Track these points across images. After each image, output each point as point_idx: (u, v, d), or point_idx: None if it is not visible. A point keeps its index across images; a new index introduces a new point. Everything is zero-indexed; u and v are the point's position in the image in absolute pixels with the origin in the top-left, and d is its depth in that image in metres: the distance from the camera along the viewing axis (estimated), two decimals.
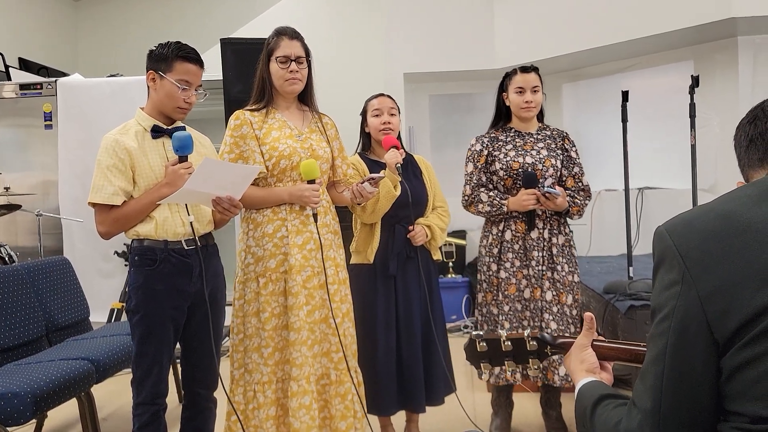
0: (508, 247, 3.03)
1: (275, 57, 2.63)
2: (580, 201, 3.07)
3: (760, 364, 0.99)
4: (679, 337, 1.06)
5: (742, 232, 1.04)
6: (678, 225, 1.11)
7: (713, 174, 5.53)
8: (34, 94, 5.54)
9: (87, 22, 8.07)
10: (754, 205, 1.06)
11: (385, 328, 2.95)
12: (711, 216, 1.08)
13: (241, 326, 2.63)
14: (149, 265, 2.41)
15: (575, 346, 1.42)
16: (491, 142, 3.11)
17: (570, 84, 6.77)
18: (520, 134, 3.12)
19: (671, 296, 1.08)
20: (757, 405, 0.99)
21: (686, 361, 1.06)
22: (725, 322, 1.02)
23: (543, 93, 3.11)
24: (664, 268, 1.11)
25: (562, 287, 3.00)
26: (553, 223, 3.04)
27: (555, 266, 3.01)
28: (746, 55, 5.43)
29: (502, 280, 3.02)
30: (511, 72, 3.11)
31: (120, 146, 2.40)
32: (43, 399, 2.66)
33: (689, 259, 1.06)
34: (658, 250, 1.13)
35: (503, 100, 3.15)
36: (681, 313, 1.06)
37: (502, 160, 3.04)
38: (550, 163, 3.04)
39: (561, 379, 2.95)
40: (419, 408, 3.00)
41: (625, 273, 3.51)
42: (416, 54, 6.42)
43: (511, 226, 3.03)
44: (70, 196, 5.37)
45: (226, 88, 4.32)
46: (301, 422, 2.50)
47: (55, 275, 3.76)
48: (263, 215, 2.62)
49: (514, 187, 3.04)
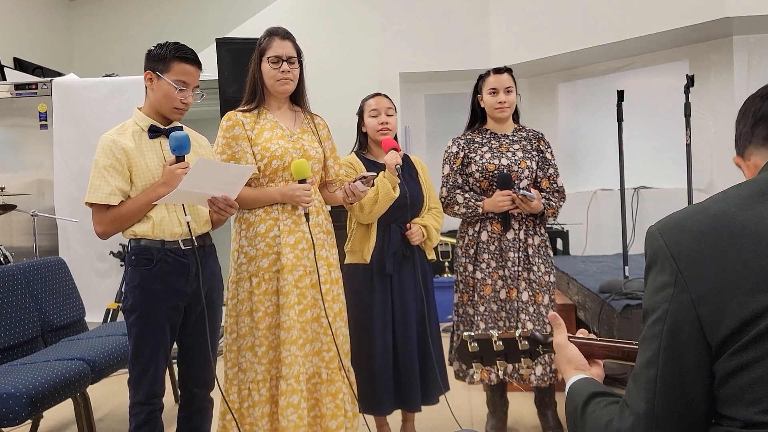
0: (484, 248, 3.04)
1: (267, 57, 2.64)
2: (555, 203, 3.09)
3: (753, 370, 0.98)
4: (671, 340, 1.05)
5: (735, 234, 1.03)
6: (670, 225, 1.10)
7: (709, 173, 5.55)
8: (29, 94, 5.52)
9: (82, 21, 8.06)
10: (748, 207, 1.05)
11: (382, 328, 2.95)
12: (704, 216, 1.07)
13: (234, 325, 2.65)
14: (146, 265, 2.41)
15: (556, 346, 1.41)
16: (467, 144, 3.13)
17: (565, 84, 6.78)
18: (496, 136, 3.13)
19: (664, 299, 1.07)
20: (749, 410, 0.99)
21: (679, 364, 1.05)
22: (718, 325, 1.01)
23: (518, 94, 3.12)
24: (656, 269, 1.10)
25: (538, 287, 3.01)
26: (528, 224, 3.06)
27: (531, 267, 3.02)
28: (741, 55, 5.46)
29: (478, 281, 3.03)
30: (484, 74, 3.13)
31: (117, 146, 2.39)
32: (38, 399, 2.65)
33: (681, 260, 1.05)
34: (650, 250, 1.12)
35: (478, 101, 3.17)
36: (673, 315, 1.05)
37: (477, 162, 3.06)
38: (525, 164, 3.05)
39: (537, 378, 2.96)
40: (415, 407, 3.00)
41: (621, 272, 3.52)
42: (412, 54, 6.43)
43: (487, 227, 3.04)
44: (66, 196, 5.36)
45: (221, 88, 4.31)
46: (289, 421, 2.52)
47: (50, 275, 3.75)
48: (255, 215, 2.64)
49: (490, 189, 3.05)
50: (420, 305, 3.03)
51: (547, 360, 2.98)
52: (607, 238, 5.67)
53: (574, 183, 6.41)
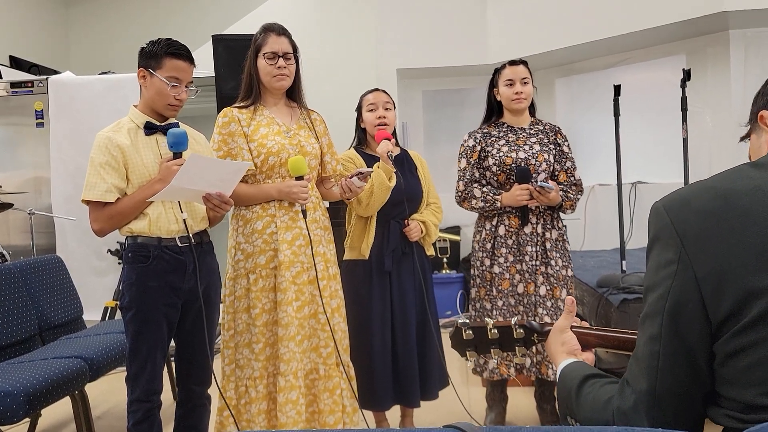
0: (501, 242, 3.03)
1: (263, 53, 2.64)
2: (573, 195, 3.07)
3: (753, 352, 0.98)
4: (674, 318, 1.04)
5: (741, 214, 1.02)
6: (676, 202, 1.09)
7: (706, 168, 5.55)
8: (25, 92, 5.51)
9: (78, 19, 8.04)
10: (756, 188, 1.04)
11: (381, 324, 2.95)
12: (711, 195, 1.06)
13: (231, 322, 2.65)
14: (142, 262, 2.40)
15: (555, 328, 1.40)
16: (484, 137, 3.12)
17: (563, 79, 6.78)
18: (513, 129, 3.12)
19: (667, 276, 1.06)
20: (749, 392, 0.99)
21: (682, 341, 1.04)
22: (719, 304, 1.00)
23: (534, 86, 3.12)
24: (659, 245, 1.09)
25: (556, 282, 3.01)
26: (546, 217, 3.05)
27: (548, 261, 3.01)
28: (738, 49, 5.45)
29: (496, 275, 3.02)
30: (500, 67, 3.12)
31: (113, 143, 2.39)
32: (36, 398, 2.65)
33: (687, 238, 1.04)
34: (655, 227, 1.10)
35: (494, 95, 3.16)
36: (677, 293, 1.04)
37: (495, 155, 3.05)
38: (542, 158, 3.05)
39: (555, 373, 2.95)
40: (414, 403, 3.00)
41: (618, 267, 3.53)
42: (409, 50, 6.42)
43: (505, 222, 3.04)
44: (63, 194, 5.35)
45: (218, 84, 4.31)
46: (288, 417, 2.52)
47: (47, 274, 3.75)
48: (252, 212, 2.63)
49: (507, 183, 3.04)
50: (419, 301, 3.03)
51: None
52: (604, 233, 5.68)
53: None
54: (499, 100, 3.14)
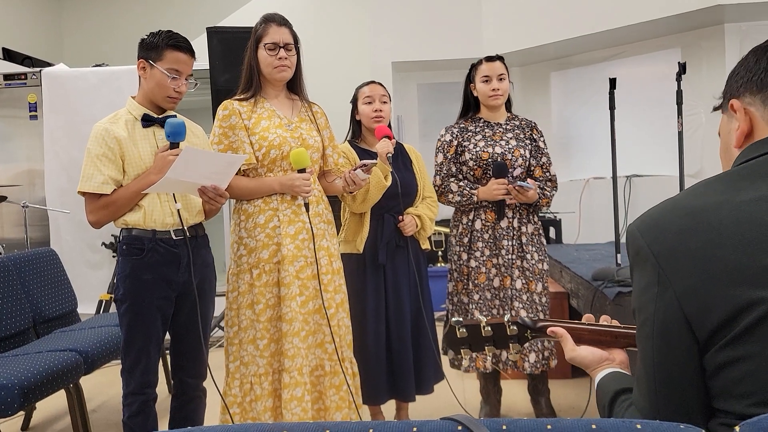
0: (478, 237, 3.05)
1: (263, 44, 2.59)
2: (549, 192, 3.11)
3: (741, 365, 0.99)
4: (662, 339, 1.06)
5: (714, 229, 1.02)
6: (649, 224, 1.10)
7: (700, 161, 5.56)
8: (18, 84, 5.48)
9: (72, 11, 7.99)
10: (723, 202, 1.05)
11: (375, 318, 2.95)
12: (682, 213, 1.07)
13: (235, 318, 2.59)
14: (137, 255, 2.40)
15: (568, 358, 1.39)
16: (461, 132, 3.13)
17: (558, 72, 6.78)
18: (489, 125, 3.13)
19: (650, 299, 1.07)
20: (741, 403, 0.99)
21: (673, 362, 1.05)
22: (703, 321, 1.01)
23: (510, 82, 3.13)
24: (639, 268, 1.11)
25: (531, 275, 3.03)
26: (522, 212, 3.07)
27: (525, 255, 3.03)
28: (733, 42, 5.46)
29: (472, 269, 3.04)
30: (476, 62, 3.13)
31: (110, 135, 2.38)
32: (30, 391, 2.65)
33: (662, 257, 1.05)
34: (632, 249, 1.12)
35: (471, 90, 3.17)
36: (661, 314, 1.05)
37: (471, 150, 3.06)
38: (519, 153, 3.06)
39: (531, 365, 2.98)
40: (409, 397, 3.01)
41: (613, 260, 3.53)
42: (404, 43, 6.41)
43: (481, 216, 3.05)
44: (57, 187, 5.33)
45: (213, 77, 4.28)
46: (293, 414, 2.47)
47: (42, 267, 3.74)
48: (254, 206, 2.59)
49: (483, 177, 3.06)
50: (414, 295, 3.03)
51: (540, 347, 3.00)
52: (599, 226, 5.69)
53: (566, 171, 6.43)
54: (475, 96, 3.15)
